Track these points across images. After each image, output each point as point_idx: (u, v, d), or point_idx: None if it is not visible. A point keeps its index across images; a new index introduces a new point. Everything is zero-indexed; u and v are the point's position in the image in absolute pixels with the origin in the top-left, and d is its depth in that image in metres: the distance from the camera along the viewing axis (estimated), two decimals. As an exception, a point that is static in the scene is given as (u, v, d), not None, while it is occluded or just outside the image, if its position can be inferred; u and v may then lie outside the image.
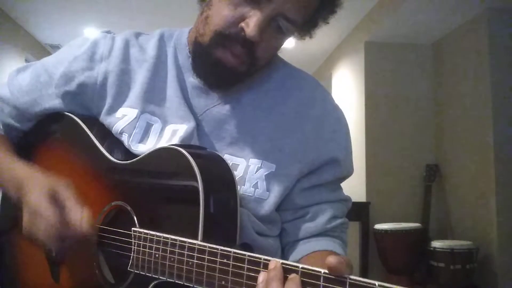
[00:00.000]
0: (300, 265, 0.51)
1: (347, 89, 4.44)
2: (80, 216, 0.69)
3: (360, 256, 3.63)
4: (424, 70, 3.97)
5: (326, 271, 0.48)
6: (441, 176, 3.77)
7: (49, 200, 0.70)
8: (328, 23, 0.83)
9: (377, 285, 0.44)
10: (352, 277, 0.46)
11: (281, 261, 0.52)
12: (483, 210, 3.17)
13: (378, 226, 3.51)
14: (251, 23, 0.72)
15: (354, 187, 3.83)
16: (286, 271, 0.51)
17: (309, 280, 0.49)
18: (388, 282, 0.43)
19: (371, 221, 3.66)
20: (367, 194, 3.83)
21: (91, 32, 4.49)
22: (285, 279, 0.51)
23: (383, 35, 3.85)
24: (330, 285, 0.47)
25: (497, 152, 3.09)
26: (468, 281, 3.07)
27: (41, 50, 4.98)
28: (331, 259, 0.47)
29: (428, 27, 3.65)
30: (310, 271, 0.49)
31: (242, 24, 0.73)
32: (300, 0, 0.74)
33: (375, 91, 3.95)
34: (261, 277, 0.53)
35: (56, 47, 4.97)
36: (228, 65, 0.76)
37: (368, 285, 0.45)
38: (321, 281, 0.48)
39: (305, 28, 0.82)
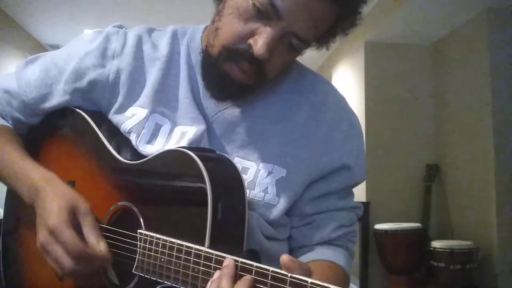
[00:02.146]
0: (255, 264, 0.54)
1: (347, 89, 4.43)
2: (98, 243, 0.68)
3: (360, 256, 3.63)
4: (424, 70, 3.97)
5: (274, 270, 0.52)
6: (441, 176, 3.77)
7: (69, 221, 0.68)
8: (347, 34, 0.78)
9: (309, 282, 0.49)
10: (294, 275, 0.50)
11: (236, 258, 0.56)
12: (483, 210, 3.18)
13: (378, 226, 3.51)
14: (260, 41, 0.69)
15: (354, 187, 3.82)
16: (242, 269, 0.55)
17: (261, 279, 0.53)
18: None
19: (371, 221, 3.66)
20: (367, 194, 3.82)
21: (91, 32, 4.47)
22: (239, 277, 0.55)
23: (383, 35, 3.85)
24: (276, 283, 0.52)
25: (497, 152, 3.10)
26: (468, 281, 3.08)
27: (41, 50, 4.97)
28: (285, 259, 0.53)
29: (428, 27, 3.65)
30: (261, 270, 0.54)
31: (251, 41, 0.70)
32: (312, 19, 0.70)
33: (375, 91, 3.95)
34: (216, 274, 0.56)
35: (56, 47, 4.96)
36: (236, 79, 0.74)
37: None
38: (269, 279, 0.53)
39: (322, 40, 0.79)
